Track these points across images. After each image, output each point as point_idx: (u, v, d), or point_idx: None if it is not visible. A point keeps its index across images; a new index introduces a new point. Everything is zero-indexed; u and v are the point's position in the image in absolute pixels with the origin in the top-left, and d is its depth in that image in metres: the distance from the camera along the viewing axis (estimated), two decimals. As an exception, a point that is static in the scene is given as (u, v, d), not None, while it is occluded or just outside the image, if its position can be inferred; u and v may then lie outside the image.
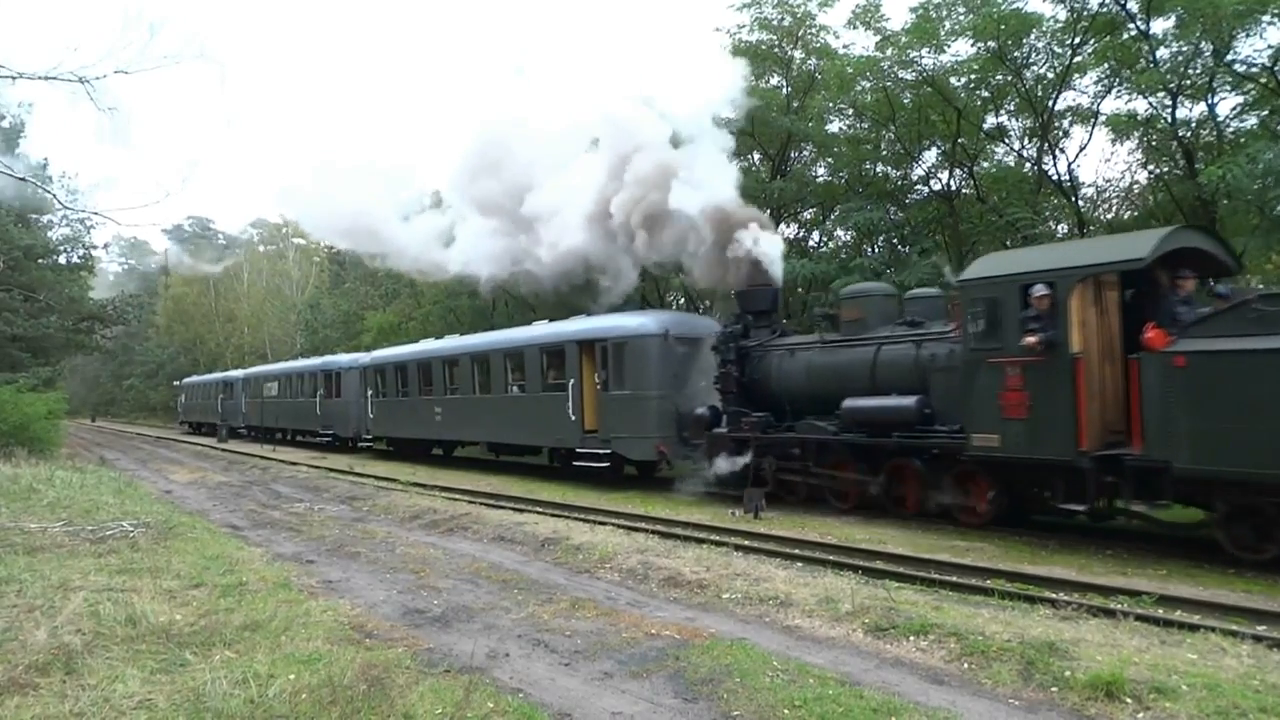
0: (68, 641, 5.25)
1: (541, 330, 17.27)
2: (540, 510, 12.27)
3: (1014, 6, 16.10)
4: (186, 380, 48.39)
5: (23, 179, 13.32)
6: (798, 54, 20.33)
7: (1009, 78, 16.88)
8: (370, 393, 24.30)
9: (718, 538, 9.58)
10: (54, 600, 6.32)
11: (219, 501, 14.71)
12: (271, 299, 52.65)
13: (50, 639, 5.28)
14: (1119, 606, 6.17)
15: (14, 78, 9.52)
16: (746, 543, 9.32)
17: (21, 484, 13.83)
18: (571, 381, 15.55)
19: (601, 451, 14.80)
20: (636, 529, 10.23)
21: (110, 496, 13.23)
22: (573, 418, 15.43)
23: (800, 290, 20.27)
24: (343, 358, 28.00)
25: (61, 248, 35.11)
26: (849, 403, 10.82)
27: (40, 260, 31.78)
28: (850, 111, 19.62)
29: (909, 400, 10.11)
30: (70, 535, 9.50)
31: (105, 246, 63.75)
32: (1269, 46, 14.02)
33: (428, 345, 22.23)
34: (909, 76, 17.57)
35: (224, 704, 4.27)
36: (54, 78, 8.94)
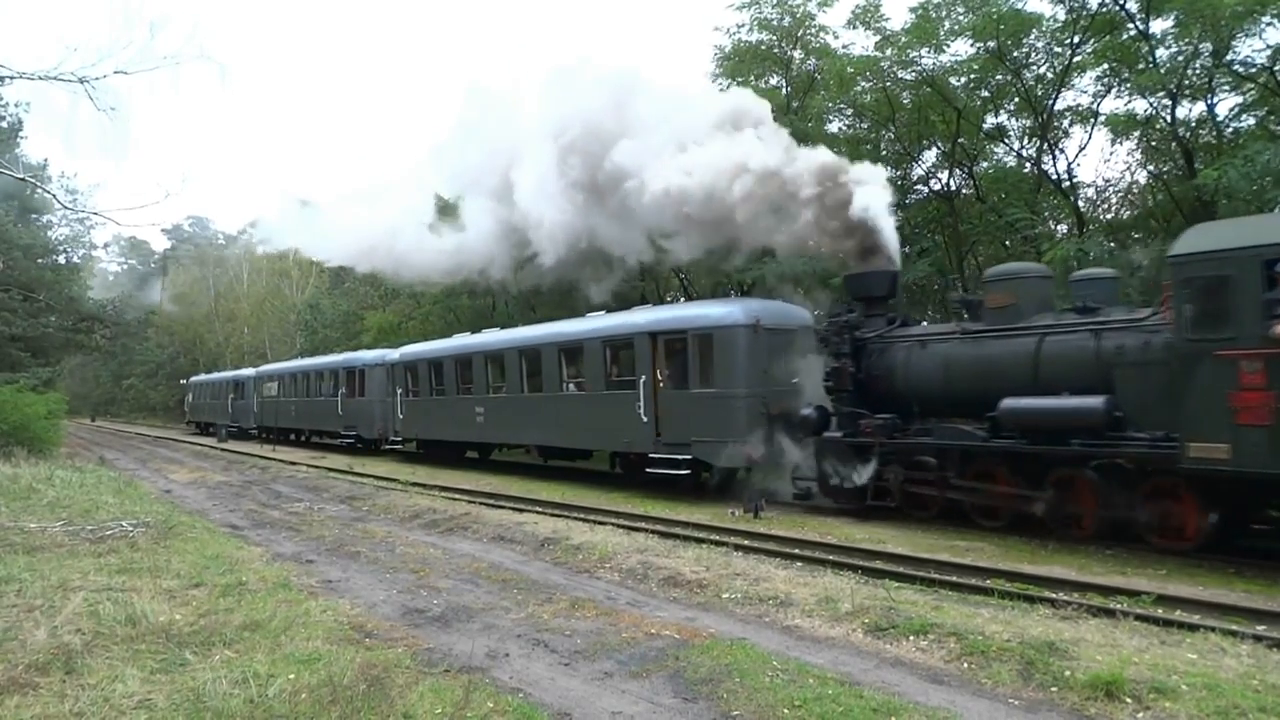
0: (68, 641, 5.25)
1: (604, 321, 15.43)
2: (540, 510, 12.27)
3: (1013, 6, 16.10)
4: (194, 379, 46.67)
5: (22, 179, 13.31)
6: (797, 54, 20.33)
7: (1008, 78, 16.88)
8: (400, 391, 22.31)
9: (717, 538, 9.58)
10: (54, 600, 6.33)
11: (219, 501, 14.71)
12: (271, 299, 52.61)
13: (50, 639, 5.28)
14: (1119, 606, 6.17)
15: (14, 77, 9.52)
16: (746, 542, 9.32)
17: (21, 484, 13.84)
18: (643, 378, 13.72)
19: (680, 458, 13.02)
20: (636, 529, 10.24)
21: (110, 496, 13.24)
22: (644, 419, 13.59)
23: (800, 291, 20.27)
24: (367, 354, 26.19)
25: (61, 247, 35.14)
26: (1009, 404, 9.16)
27: (40, 260, 31.79)
28: (850, 111, 19.61)
29: (1095, 401, 8.46)
30: (70, 535, 9.50)
31: (105, 246, 63.87)
32: (1268, 47, 14.03)
33: (467, 339, 20.32)
34: (909, 76, 17.57)
35: (224, 704, 4.27)
36: (54, 78, 8.94)
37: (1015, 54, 16.52)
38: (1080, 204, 18.38)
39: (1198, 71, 14.82)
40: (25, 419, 20.46)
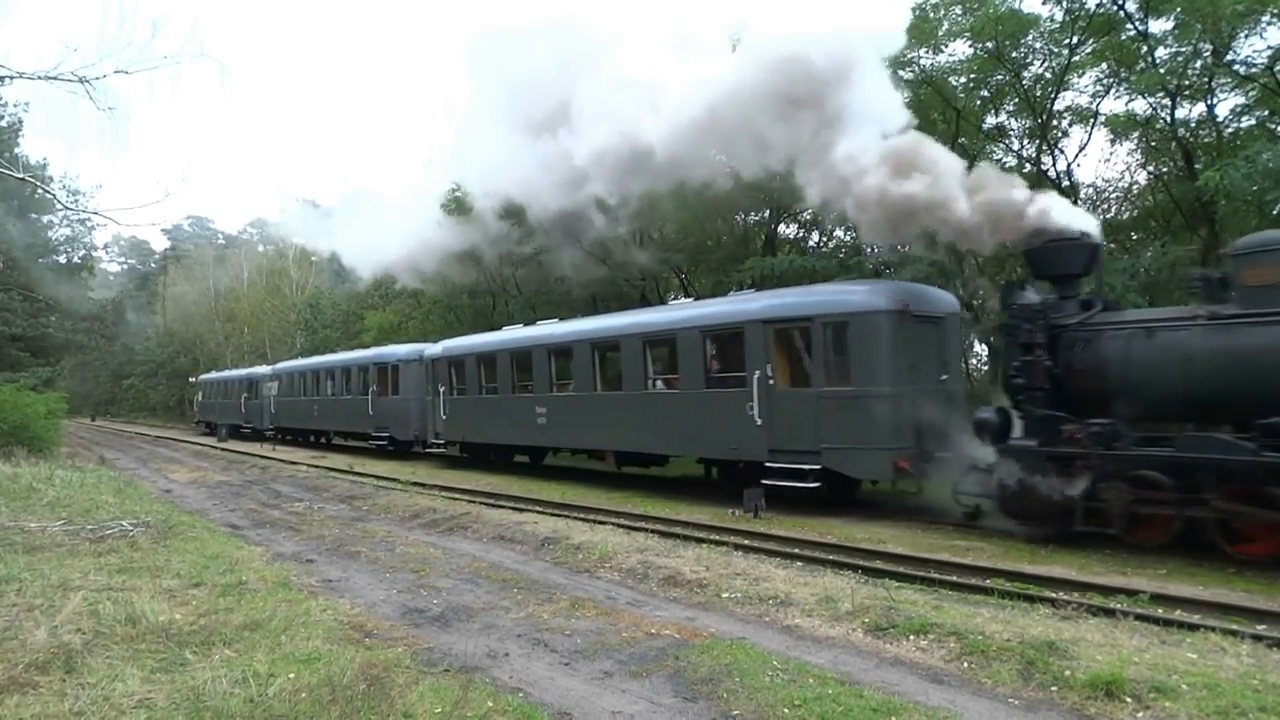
0: (67, 641, 5.25)
1: (703, 309, 13.51)
2: (540, 510, 12.27)
3: (1011, 7, 16.11)
4: (203, 377, 44.59)
5: (23, 179, 13.31)
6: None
7: (1008, 78, 16.89)
8: (443, 389, 20.14)
9: (717, 537, 9.59)
10: (54, 599, 6.32)
11: (219, 501, 14.71)
12: (271, 299, 52.62)
13: (50, 638, 5.28)
14: (1119, 606, 6.17)
15: (14, 77, 9.52)
16: (746, 542, 9.32)
17: (21, 483, 13.83)
18: (756, 374, 11.73)
19: (805, 467, 11.14)
20: (636, 529, 10.24)
21: (110, 496, 13.23)
22: (758, 422, 11.60)
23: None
24: (400, 348, 24.09)
25: (61, 247, 35.15)
26: None
27: (40, 260, 31.81)
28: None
29: None
30: (70, 534, 9.50)
31: (105, 247, 63.96)
32: (1269, 47, 14.03)
33: (526, 331, 18.09)
34: (907, 77, 17.57)
35: (224, 703, 4.27)
36: (54, 78, 8.93)
37: (1014, 54, 16.52)
38: (1080, 204, 18.39)
39: (1197, 71, 14.83)
40: (25, 419, 20.47)
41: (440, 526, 11.20)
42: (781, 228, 23.11)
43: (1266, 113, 14.66)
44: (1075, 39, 15.96)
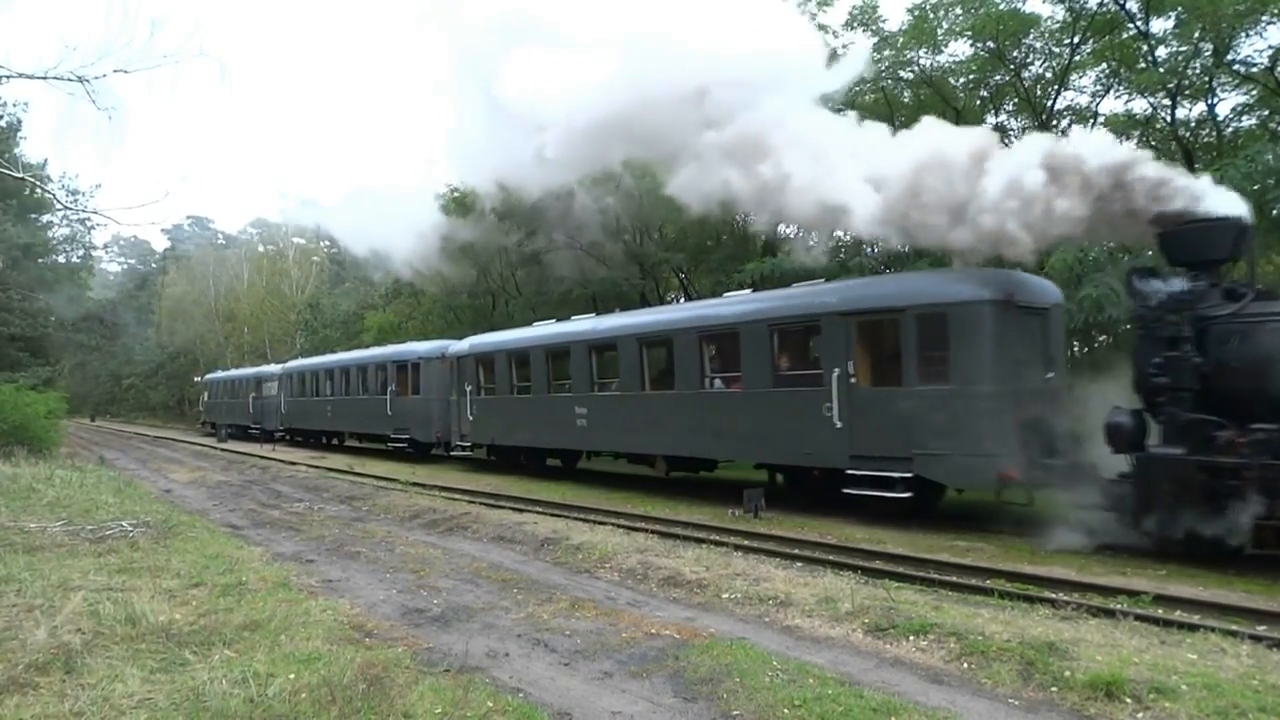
0: (67, 641, 5.25)
1: (770, 300, 12.30)
2: (540, 510, 12.27)
3: (1012, 6, 16.12)
4: (209, 376, 43.30)
5: (23, 178, 13.31)
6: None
7: (1008, 77, 16.90)
8: (469, 389, 18.92)
9: (717, 538, 9.58)
10: (54, 600, 6.32)
11: (219, 501, 14.71)
12: (271, 299, 52.65)
13: (50, 638, 5.28)
14: (1119, 606, 6.17)
15: (14, 77, 9.52)
16: (746, 543, 9.32)
17: (21, 483, 13.84)
18: (835, 372, 10.59)
19: (893, 475, 10.02)
20: (636, 529, 10.24)
21: (110, 496, 13.23)
22: (837, 425, 10.52)
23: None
24: (421, 346, 22.92)
25: (61, 247, 35.18)
26: None
27: (40, 260, 31.84)
28: (850, 112, 19.61)
29: None
30: (70, 535, 9.50)
31: (105, 247, 64.02)
32: (1269, 47, 14.04)
33: (564, 327, 16.83)
34: (908, 77, 17.58)
35: (223, 703, 4.27)
36: (54, 77, 8.93)
37: (1014, 54, 16.54)
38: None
39: (1197, 71, 14.84)
40: (25, 419, 20.48)
41: (440, 527, 11.20)
42: (781, 227, 23.10)
43: (1267, 112, 14.66)
44: (1076, 38, 15.98)
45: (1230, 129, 15.51)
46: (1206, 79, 14.82)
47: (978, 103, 17.97)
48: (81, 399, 63.60)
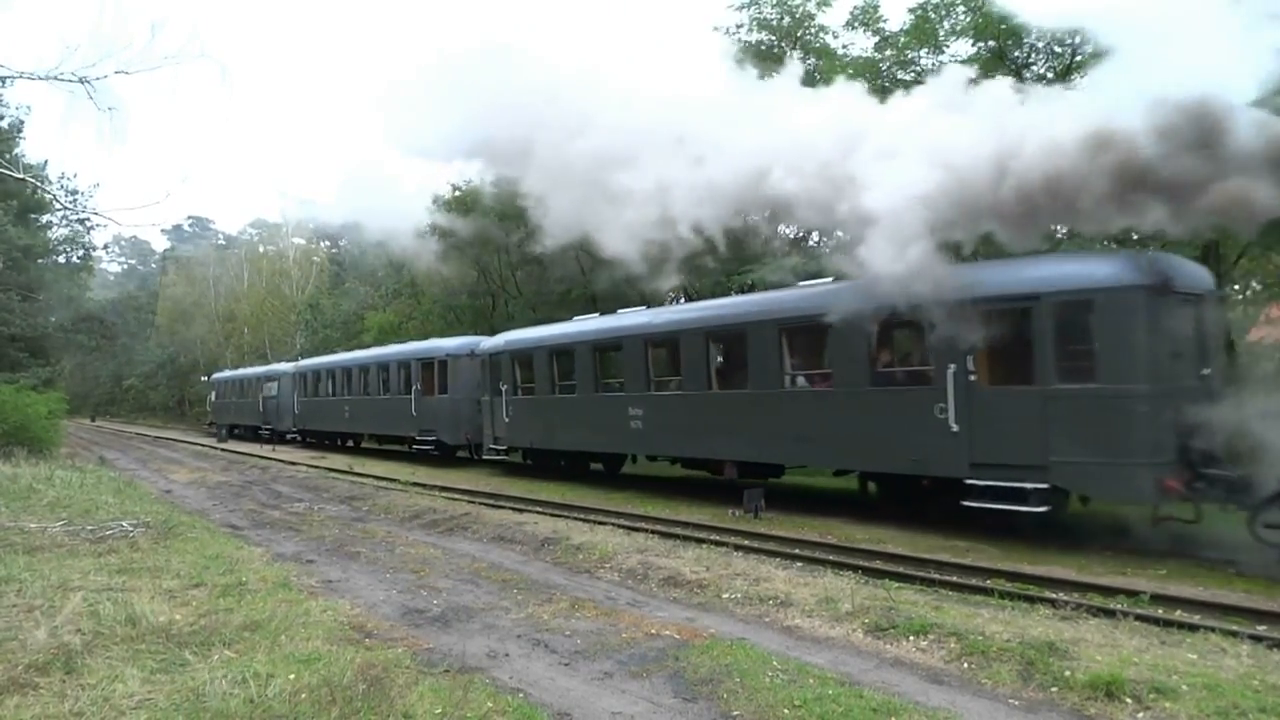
0: (67, 641, 5.25)
1: (859, 288, 10.24)
2: (540, 510, 12.27)
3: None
4: (216, 375, 41.99)
5: (23, 179, 13.32)
6: (796, 54, 20.34)
7: (1009, 78, 16.88)
8: (505, 388, 17.55)
9: (718, 538, 9.58)
10: (54, 600, 6.32)
11: (219, 501, 14.71)
12: (271, 299, 52.67)
13: (50, 639, 5.28)
14: (1119, 606, 6.17)
15: (14, 77, 9.52)
16: (746, 543, 9.32)
17: (21, 484, 13.83)
18: (951, 369, 9.37)
19: (1024, 485, 8.73)
20: (636, 529, 10.24)
21: (110, 496, 13.23)
22: (954, 429, 9.34)
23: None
24: (449, 342, 21.59)
25: (61, 248, 35.19)
26: None
27: (40, 260, 31.85)
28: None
29: None
30: (70, 535, 9.50)
31: (105, 247, 64.08)
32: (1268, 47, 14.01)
33: (611, 320, 15.51)
34: (908, 77, 17.57)
35: (223, 704, 4.27)
36: (54, 78, 8.94)
37: (1016, 54, 16.53)
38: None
39: (1198, 71, 14.81)
40: (25, 419, 20.48)
41: (440, 527, 11.20)
42: (780, 227, 23.09)
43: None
44: (1078, 38, 15.97)
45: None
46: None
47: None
48: (82, 399, 63.64)
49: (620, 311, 15.66)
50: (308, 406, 29.61)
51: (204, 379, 45.62)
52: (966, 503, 9.26)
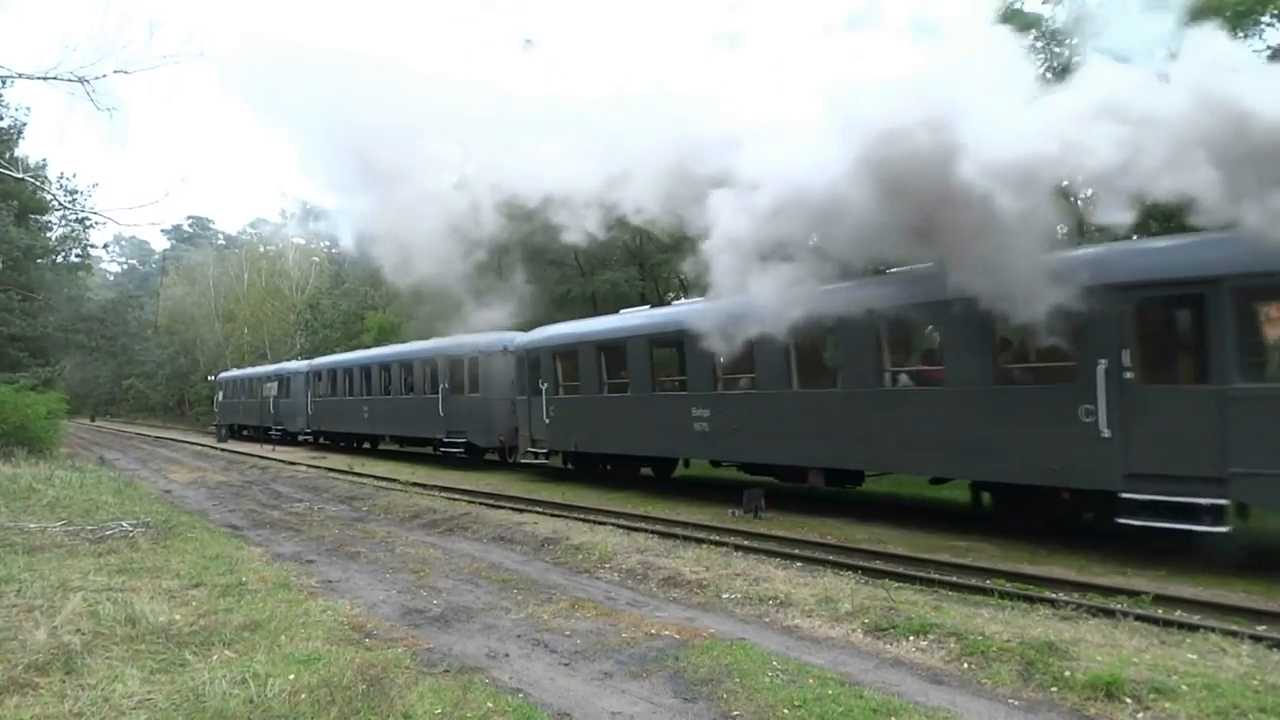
0: (67, 641, 5.25)
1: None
2: (540, 510, 12.27)
3: (1012, 6, 16.12)
4: (223, 375, 40.74)
5: (23, 178, 13.32)
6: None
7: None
8: (545, 386, 16.17)
9: (717, 538, 9.58)
10: (53, 600, 6.32)
11: (219, 501, 14.71)
12: (271, 299, 52.66)
13: (50, 639, 5.28)
14: (1119, 606, 6.17)
15: (14, 77, 9.52)
16: (746, 543, 9.31)
17: (21, 484, 13.83)
18: (1101, 365, 8.08)
19: (1203, 502, 7.48)
20: (636, 529, 10.23)
21: (110, 496, 13.23)
22: (1104, 434, 8.08)
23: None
24: (481, 337, 19.63)
25: (61, 248, 35.21)
26: None
27: (40, 260, 31.87)
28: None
29: None
30: (70, 535, 9.50)
31: (105, 247, 64.11)
32: (1269, 47, 14.03)
33: (671, 312, 13.91)
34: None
35: (223, 704, 4.27)
36: (54, 78, 8.94)
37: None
38: (1080, 204, 18.37)
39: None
40: (25, 419, 20.48)
41: (440, 527, 11.20)
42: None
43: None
44: (1076, 39, 15.97)
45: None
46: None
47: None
48: (81, 399, 63.66)
49: (679, 301, 14.29)
50: (322, 407, 28.31)
51: (210, 378, 44.52)
52: (1122, 520, 7.99)
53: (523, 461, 17.55)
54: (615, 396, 14.68)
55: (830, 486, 11.63)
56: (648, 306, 15.25)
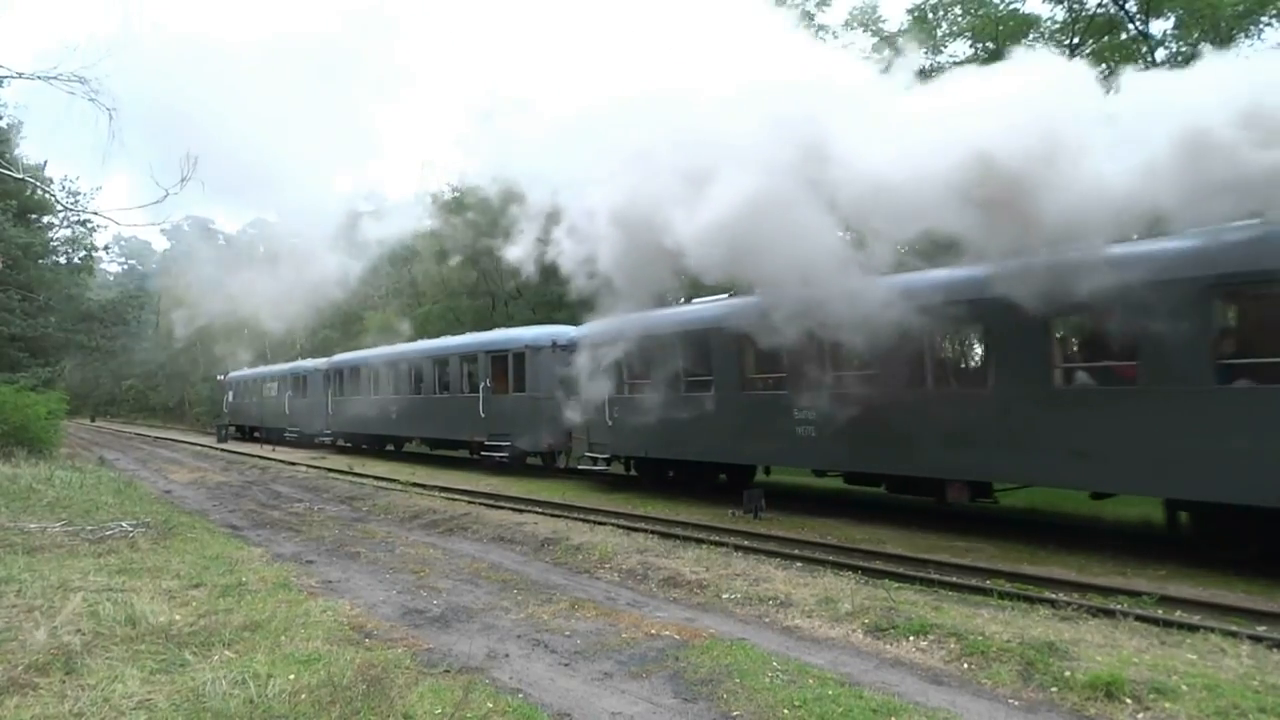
0: (67, 641, 5.25)
1: (1205, 238, 7.51)
2: (540, 510, 12.26)
3: (1011, 7, 16.14)
4: (233, 374, 39.11)
5: (23, 179, 13.32)
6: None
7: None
8: (609, 385, 14.48)
9: (717, 538, 9.58)
10: (53, 600, 6.32)
11: (219, 501, 14.70)
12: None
13: (50, 639, 5.28)
14: (1119, 607, 6.17)
15: (14, 77, 9.53)
16: (746, 543, 9.31)
17: (21, 484, 13.82)
18: None
19: None
20: (636, 529, 10.23)
21: (110, 496, 13.23)
22: None
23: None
24: (526, 331, 18.45)
25: (61, 248, 35.23)
26: None
27: (40, 260, 31.88)
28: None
29: None
30: (70, 535, 9.50)
31: (105, 248, 64.05)
32: (1269, 47, 14.04)
33: (758, 300, 11.64)
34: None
35: (223, 704, 4.27)
36: (54, 78, 8.95)
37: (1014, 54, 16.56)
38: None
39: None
40: (25, 419, 20.45)
41: (440, 527, 11.20)
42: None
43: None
44: (1075, 39, 15.98)
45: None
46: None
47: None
48: (82, 399, 63.58)
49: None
50: (344, 407, 26.55)
51: (219, 378, 42.94)
52: None
53: (580, 469, 16.15)
54: (696, 395, 12.90)
55: (982, 500, 9.95)
56: (726, 295, 13.26)
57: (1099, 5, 15.43)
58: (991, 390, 9.28)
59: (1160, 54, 15.02)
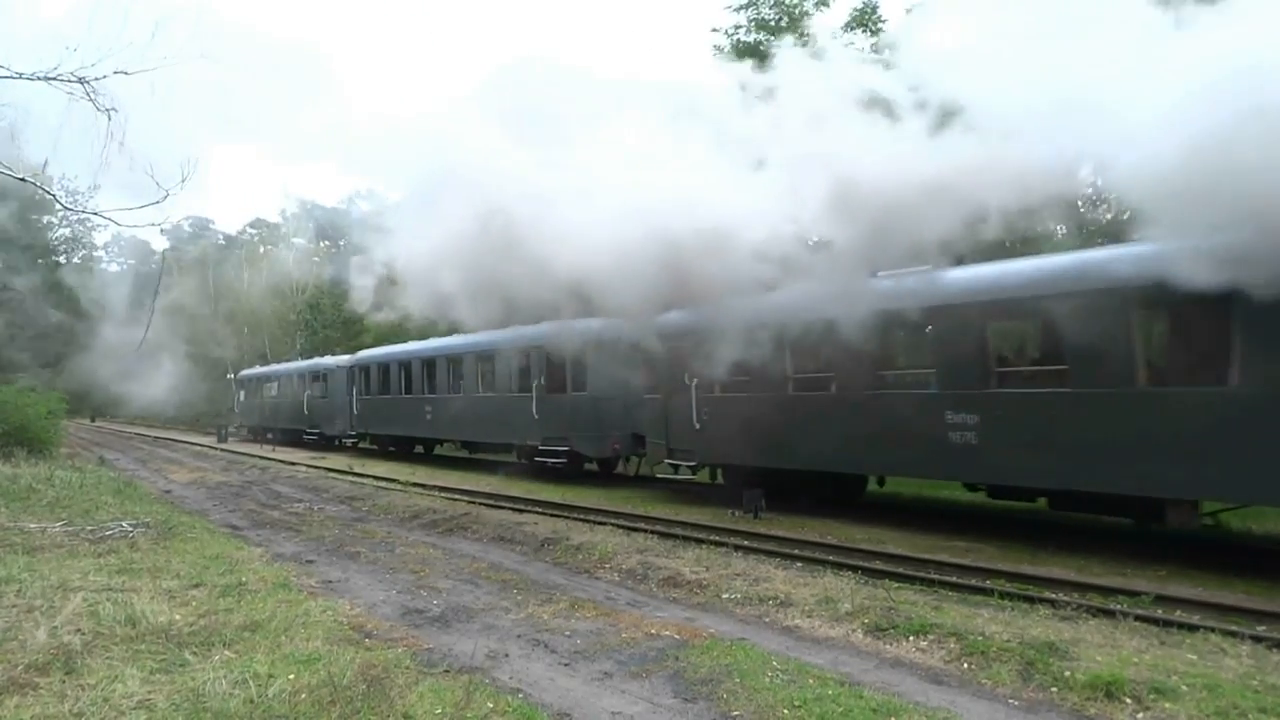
0: (67, 641, 5.25)
1: None
2: (540, 510, 12.27)
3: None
4: (245, 373, 37.64)
5: (23, 179, 13.30)
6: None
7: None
8: (694, 383, 12.42)
9: (717, 538, 9.58)
10: (53, 600, 6.32)
11: (219, 501, 14.71)
12: (271, 300, 52.58)
13: (50, 639, 5.28)
14: (1119, 607, 6.18)
15: (13, 77, 9.51)
16: (746, 543, 9.32)
17: (21, 484, 13.82)
18: None
19: None
20: (636, 529, 10.24)
21: (110, 496, 13.23)
22: None
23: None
24: (589, 323, 14.13)
25: (62, 248, 35.24)
26: None
27: (40, 260, 31.88)
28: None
29: None
30: (70, 535, 9.50)
31: (105, 247, 64.06)
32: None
33: (909, 284, 9.71)
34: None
35: (223, 704, 4.27)
36: (54, 78, 8.93)
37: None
38: (1080, 206, 18.39)
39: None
40: (25, 419, 20.46)
41: (440, 527, 11.20)
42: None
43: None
44: (1075, 39, 15.96)
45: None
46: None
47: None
48: (81, 399, 63.51)
49: (884, 272, 9.93)
50: (371, 406, 24.70)
51: (229, 377, 41.50)
52: None
53: (661, 476, 14.50)
54: (809, 395, 11.26)
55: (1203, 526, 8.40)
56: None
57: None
58: (1238, 389, 7.08)
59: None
